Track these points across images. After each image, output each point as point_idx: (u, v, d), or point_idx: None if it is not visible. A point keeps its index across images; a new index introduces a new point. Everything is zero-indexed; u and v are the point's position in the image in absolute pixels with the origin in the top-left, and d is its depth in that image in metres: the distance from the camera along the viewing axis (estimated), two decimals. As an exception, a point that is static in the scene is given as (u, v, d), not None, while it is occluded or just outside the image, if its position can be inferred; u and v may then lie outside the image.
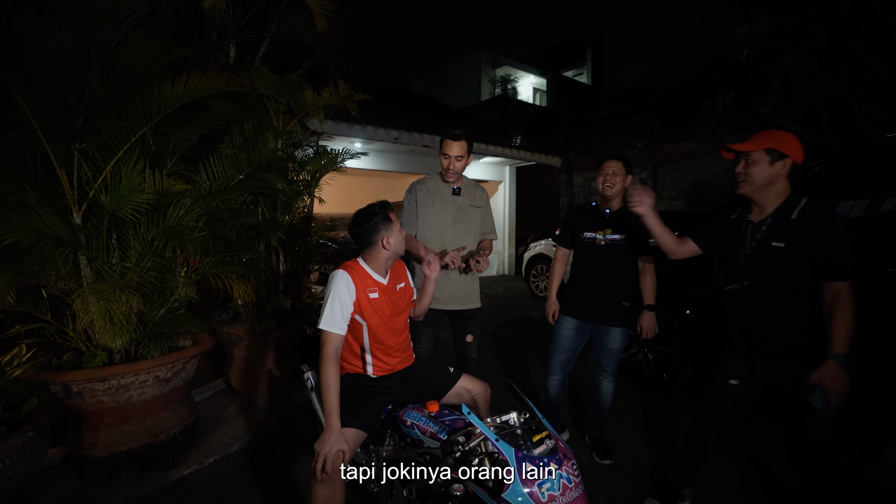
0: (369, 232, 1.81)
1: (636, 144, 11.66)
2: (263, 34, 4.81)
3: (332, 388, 1.62)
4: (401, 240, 1.88)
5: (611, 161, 2.42)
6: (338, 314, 1.73)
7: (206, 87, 2.34)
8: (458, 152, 2.40)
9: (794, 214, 1.66)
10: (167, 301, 2.58)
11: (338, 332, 1.73)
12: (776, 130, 1.70)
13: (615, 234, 2.41)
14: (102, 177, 2.20)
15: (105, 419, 2.25)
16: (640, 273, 2.49)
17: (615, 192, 2.40)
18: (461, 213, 2.54)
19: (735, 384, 1.83)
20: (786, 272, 1.67)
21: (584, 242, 2.50)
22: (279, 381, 3.43)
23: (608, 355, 2.49)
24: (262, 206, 3.40)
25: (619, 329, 2.45)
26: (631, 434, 2.87)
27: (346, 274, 1.79)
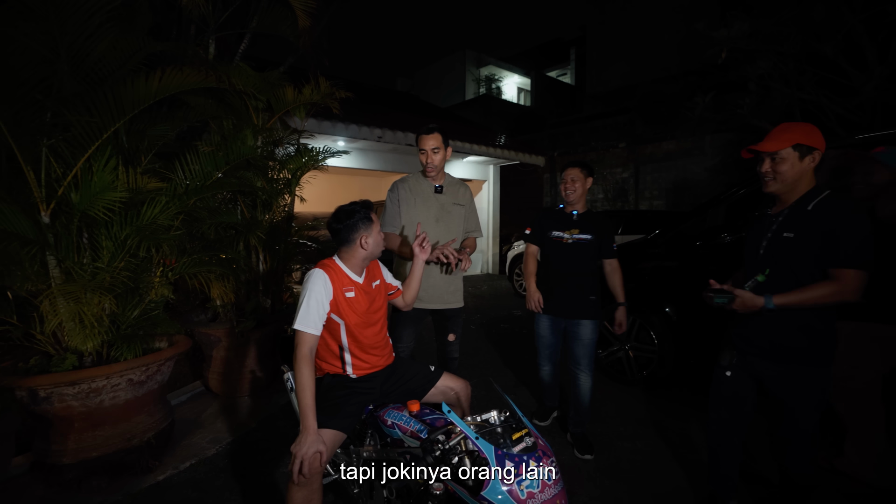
0: (348, 229, 1.79)
1: (618, 144, 11.81)
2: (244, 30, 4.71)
3: (308, 389, 1.60)
4: (379, 241, 1.86)
5: (569, 168, 2.59)
6: (313, 314, 1.70)
7: (182, 83, 2.28)
8: (434, 144, 2.40)
9: (809, 206, 1.61)
10: (142, 302, 2.51)
11: (312, 332, 1.70)
12: (796, 123, 1.64)
13: (582, 234, 2.59)
14: (72, 174, 2.13)
15: (75, 424, 2.18)
16: (608, 274, 2.65)
17: (577, 197, 2.59)
18: (443, 212, 2.54)
19: (729, 375, 1.83)
20: (796, 264, 1.63)
21: (552, 241, 2.67)
22: (259, 383, 3.38)
23: (582, 347, 2.62)
24: (242, 204, 3.34)
25: (589, 321, 2.59)
26: (613, 432, 2.89)
27: (324, 273, 1.77)
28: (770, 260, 1.70)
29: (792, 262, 1.64)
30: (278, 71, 3.69)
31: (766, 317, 1.68)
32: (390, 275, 2.12)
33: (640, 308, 3.50)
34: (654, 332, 3.43)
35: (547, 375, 2.86)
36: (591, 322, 2.59)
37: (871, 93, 5.37)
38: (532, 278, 2.75)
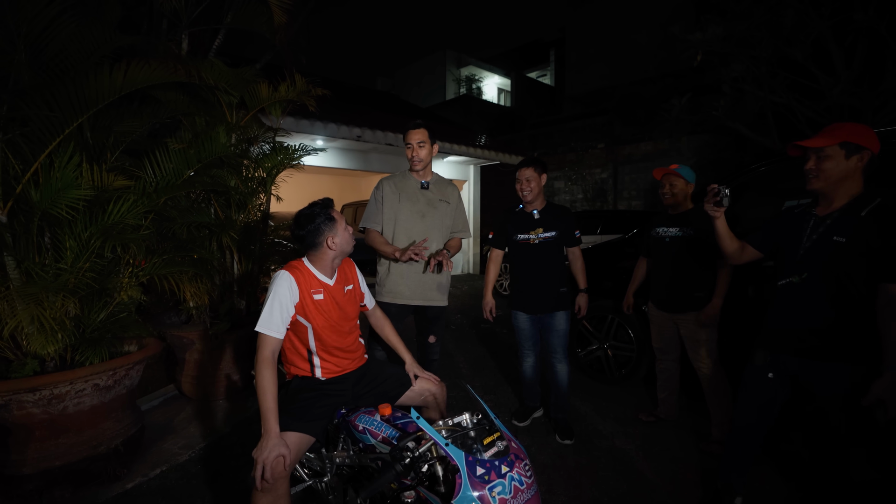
0: (313, 234, 1.75)
1: (597, 145, 11.96)
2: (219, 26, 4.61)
3: (269, 392, 1.55)
4: (347, 238, 1.81)
5: (523, 169, 2.65)
6: (276, 316, 1.66)
7: (149, 77, 2.20)
8: (419, 138, 2.43)
9: (863, 212, 1.56)
10: (109, 304, 2.42)
11: (274, 335, 1.66)
12: (847, 123, 1.60)
13: (546, 232, 2.65)
14: (31, 171, 2.03)
15: (35, 433, 2.08)
16: (571, 262, 2.76)
17: (533, 196, 2.65)
18: (430, 208, 2.51)
19: (771, 377, 1.79)
20: (842, 269, 1.58)
21: (519, 244, 2.72)
22: (234, 386, 3.29)
23: (557, 336, 2.72)
24: (215, 204, 3.25)
25: (561, 312, 2.71)
26: (591, 431, 2.91)
27: (289, 275, 1.72)
28: (812, 263, 1.65)
29: (839, 268, 1.60)
30: (253, 68, 3.60)
31: (814, 317, 1.65)
32: (364, 283, 2.07)
33: (619, 307, 3.53)
34: (632, 330, 3.47)
35: (529, 369, 2.88)
36: (563, 313, 2.70)
37: (839, 97, 5.54)
38: (490, 286, 2.83)
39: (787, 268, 1.74)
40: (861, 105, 5.52)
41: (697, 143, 9.77)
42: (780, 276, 1.77)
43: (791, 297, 1.72)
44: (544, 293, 2.67)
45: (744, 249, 1.94)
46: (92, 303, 2.34)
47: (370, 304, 2.12)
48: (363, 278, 2.07)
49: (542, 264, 2.67)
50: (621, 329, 3.56)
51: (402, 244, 2.45)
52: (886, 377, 1.46)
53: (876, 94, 5.41)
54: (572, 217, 2.72)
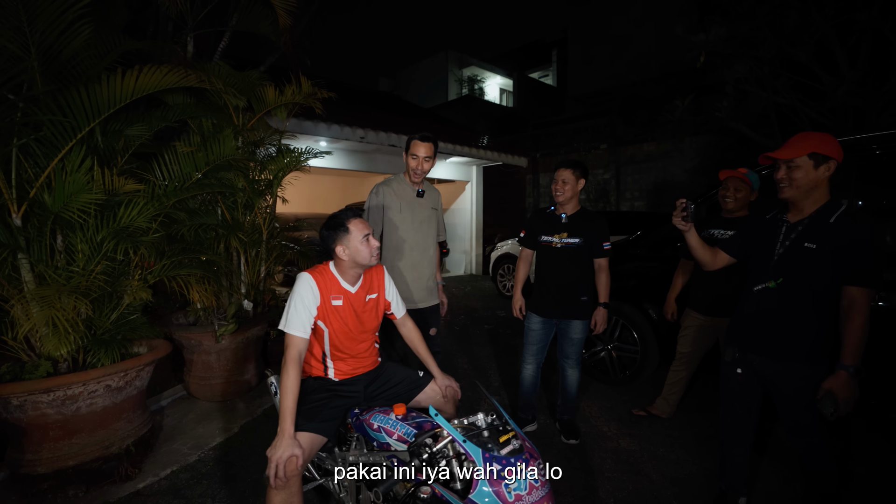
0: (326, 239, 1.79)
1: (600, 146, 11.94)
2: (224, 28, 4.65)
3: (290, 393, 1.59)
4: (361, 250, 1.78)
5: (561, 169, 2.59)
6: (303, 316, 1.70)
7: (161, 82, 2.23)
8: (427, 153, 2.49)
9: (832, 218, 1.63)
10: (119, 306, 2.45)
11: (300, 335, 1.69)
12: (813, 133, 1.67)
13: (570, 238, 2.59)
14: (45, 175, 2.06)
15: (50, 433, 2.11)
16: (596, 273, 2.66)
17: (566, 198, 2.59)
18: (426, 216, 2.65)
19: (740, 372, 1.86)
20: (812, 273, 1.65)
21: (542, 245, 2.70)
22: (241, 387, 3.32)
23: (571, 344, 2.70)
24: (222, 206, 3.28)
25: (579, 321, 2.66)
26: (596, 432, 2.93)
27: (312, 278, 1.76)
28: (785, 268, 1.71)
29: (810, 273, 1.66)
30: (259, 70, 3.63)
31: (785, 320, 1.71)
32: (394, 291, 2.06)
33: (623, 308, 3.55)
34: (636, 332, 3.49)
35: (528, 376, 2.82)
36: (581, 322, 2.65)
37: (843, 97, 5.54)
38: (519, 284, 2.81)
39: (761, 273, 1.80)
40: (865, 105, 5.52)
41: (700, 144, 9.76)
42: (754, 281, 1.83)
43: (765, 301, 1.77)
44: (561, 299, 2.62)
45: (717, 256, 2.00)
46: (103, 305, 2.37)
47: (399, 313, 2.08)
48: (393, 286, 2.06)
49: (562, 269, 2.61)
50: (626, 331, 3.58)
51: (403, 251, 2.59)
52: (841, 375, 1.55)
53: (880, 95, 5.41)
54: (604, 227, 2.60)
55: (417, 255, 2.62)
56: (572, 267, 2.60)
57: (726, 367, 1.93)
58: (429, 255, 2.66)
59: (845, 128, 5.69)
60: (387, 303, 2.03)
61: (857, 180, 2.49)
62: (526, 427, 2.94)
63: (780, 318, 1.72)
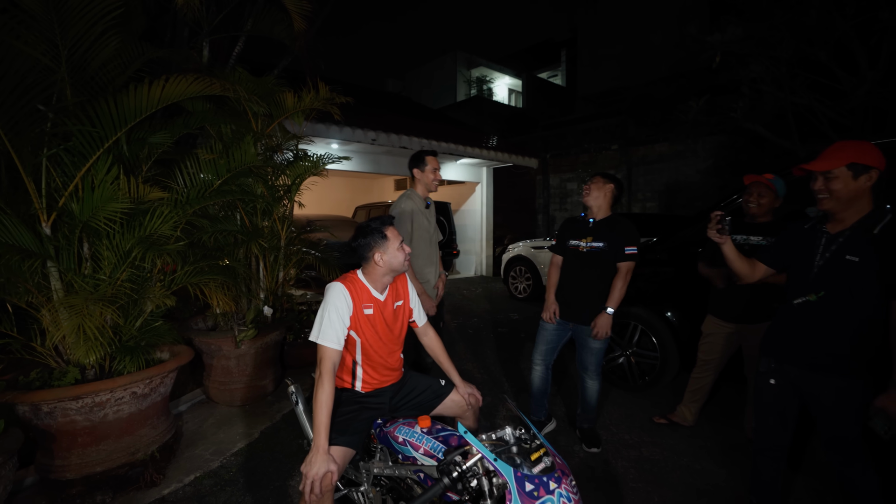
0: (363, 247, 1.79)
1: (611, 146, 11.86)
2: (238, 33, 4.68)
3: (325, 407, 1.57)
4: (397, 256, 1.80)
5: (593, 177, 2.67)
6: (337, 327, 1.69)
7: (186, 90, 2.24)
8: (438, 165, 2.92)
9: (876, 230, 1.56)
10: (143, 313, 2.47)
11: (334, 346, 1.68)
12: (852, 142, 1.62)
13: (596, 242, 2.59)
14: (73, 184, 2.09)
15: (78, 439, 2.14)
16: (615, 276, 2.59)
17: (595, 204, 2.63)
18: (434, 223, 3.04)
19: (773, 383, 1.82)
20: (855, 287, 1.60)
21: (570, 249, 2.72)
22: (260, 392, 3.34)
23: (590, 354, 2.65)
24: (242, 212, 3.30)
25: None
26: (618, 440, 2.90)
27: (344, 287, 1.75)
28: (826, 281, 1.66)
29: (853, 286, 1.60)
30: (273, 74, 3.65)
31: (827, 334, 1.66)
32: (417, 299, 2.08)
33: (641, 314, 3.52)
34: (655, 338, 3.45)
35: (537, 379, 2.83)
36: None
37: (864, 97, 5.46)
38: (552, 290, 2.81)
39: (801, 285, 1.74)
40: (887, 106, 5.43)
41: (714, 145, 9.66)
42: (794, 294, 1.77)
43: (806, 314, 1.72)
44: (581, 302, 2.61)
45: (755, 268, 1.94)
46: (129, 312, 2.39)
47: (420, 321, 2.07)
48: (415, 294, 2.06)
49: (585, 273, 2.61)
50: (644, 336, 3.54)
51: (422, 258, 2.91)
52: (893, 392, 1.50)
53: (902, 95, 5.32)
54: (629, 231, 2.54)
55: (428, 260, 2.95)
56: (594, 271, 2.60)
57: (760, 378, 1.89)
58: (435, 260, 3.02)
59: (865, 129, 5.60)
60: (409, 310, 2.03)
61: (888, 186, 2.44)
62: (545, 429, 2.94)
63: (821, 330, 1.67)
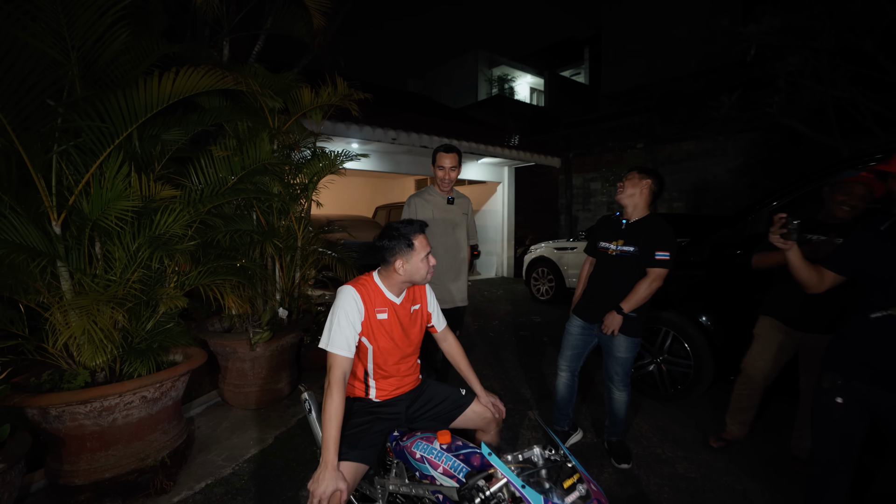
0: (387, 250, 1.66)
1: (636, 145, 11.54)
2: (258, 32, 4.66)
3: (334, 420, 1.46)
4: (420, 269, 1.67)
5: (629, 172, 2.45)
6: (347, 333, 1.58)
7: (198, 84, 2.16)
8: (452, 163, 2.69)
9: None
10: (155, 314, 2.41)
11: (344, 353, 1.57)
12: None
13: (626, 246, 2.41)
14: (83, 182, 2.03)
15: (87, 444, 2.07)
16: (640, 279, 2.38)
17: (630, 203, 2.42)
18: (456, 220, 2.86)
19: (840, 402, 1.62)
20: None
21: (599, 251, 2.57)
22: (276, 395, 3.26)
23: (617, 364, 2.48)
24: (258, 211, 3.23)
25: (623, 337, 2.42)
26: (650, 455, 2.72)
27: (355, 290, 1.64)
28: None
29: None
30: (293, 72, 3.57)
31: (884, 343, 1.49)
32: (436, 302, 1.95)
33: (673, 319, 3.31)
34: (689, 345, 3.24)
35: (562, 386, 2.68)
36: (626, 338, 2.42)
37: (913, 89, 5.10)
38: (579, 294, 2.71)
39: (878, 298, 1.54)
40: (939, 98, 5.06)
41: (745, 142, 9.27)
42: (870, 307, 1.56)
43: (883, 328, 1.52)
44: (606, 307, 2.42)
45: (823, 276, 1.72)
46: (140, 313, 2.33)
47: (440, 326, 1.97)
48: (434, 298, 1.95)
49: (613, 277, 2.44)
50: (676, 343, 3.34)
51: (439, 254, 2.68)
52: None
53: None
54: (664, 235, 2.32)
55: (449, 258, 2.82)
56: (622, 277, 2.41)
57: (823, 396, 1.68)
58: (459, 259, 2.88)
59: (915, 123, 5.23)
60: (428, 315, 1.91)
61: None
62: (570, 440, 2.78)
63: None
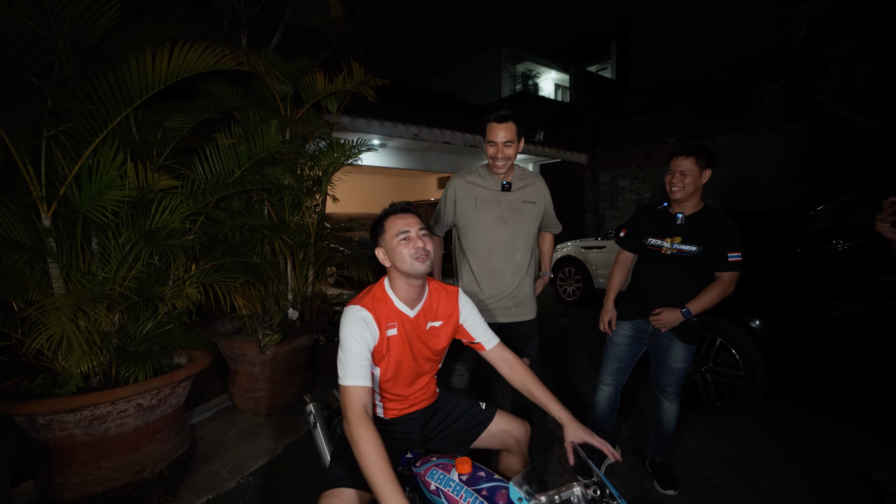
0: (372, 243, 1.45)
1: (668, 140, 11.04)
2: (277, 23, 4.55)
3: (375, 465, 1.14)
4: (399, 251, 1.37)
5: (679, 158, 2.04)
6: (360, 361, 1.32)
7: (197, 63, 1.98)
8: (507, 137, 1.99)
9: None
10: (156, 314, 2.24)
11: (361, 383, 1.30)
12: None
13: (685, 244, 2.06)
14: (75, 170, 1.86)
15: (78, 455, 1.91)
16: (712, 283, 2.06)
17: (686, 195, 2.04)
18: (512, 212, 2.14)
19: None
20: None
21: (648, 250, 2.19)
22: (287, 401, 3.07)
23: (671, 374, 2.18)
24: (268, 204, 3.05)
25: (682, 345, 2.13)
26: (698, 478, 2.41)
27: (363, 310, 1.38)
28: None
29: None
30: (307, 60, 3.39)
31: None
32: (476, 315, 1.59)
33: (720, 325, 2.98)
34: (738, 353, 2.90)
35: (603, 401, 2.35)
36: (684, 347, 2.12)
37: None
38: (613, 293, 2.32)
39: None
40: None
41: (788, 135, 8.70)
42: None
43: None
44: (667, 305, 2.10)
45: None
46: (138, 313, 2.16)
47: (487, 343, 1.59)
48: (473, 308, 1.59)
49: (669, 281, 2.11)
50: (724, 350, 3.00)
51: (482, 254, 2.14)
52: None
53: None
54: (733, 232, 2.01)
55: (498, 259, 2.13)
56: (684, 280, 2.08)
57: None
58: (515, 260, 2.15)
59: None
60: (461, 329, 1.58)
61: None
62: (606, 461, 2.44)
63: None
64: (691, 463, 2.51)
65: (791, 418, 3.03)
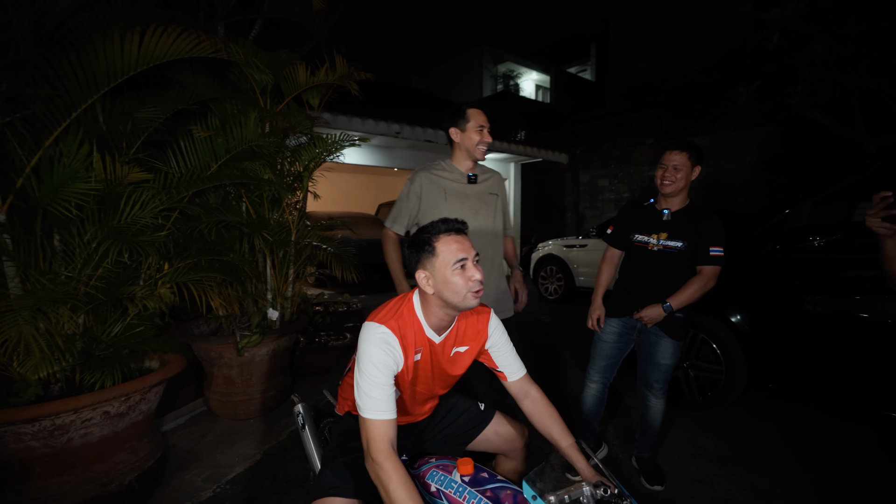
0: (409, 259, 1.27)
1: (645, 141, 11.25)
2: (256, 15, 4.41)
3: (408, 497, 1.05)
4: (453, 283, 1.18)
5: (672, 152, 2.04)
6: (385, 390, 1.18)
7: (171, 49, 1.86)
8: (487, 122, 2.04)
9: None
10: (125, 315, 2.12)
11: (387, 416, 1.16)
12: None
13: (671, 241, 2.06)
14: (33, 162, 1.73)
15: (36, 469, 1.76)
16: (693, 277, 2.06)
17: (676, 190, 2.04)
18: (481, 204, 2.13)
19: None
20: None
21: (635, 246, 2.19)
22: (266, 404, 2.96)
23: (658, 370, 2.19)
24: (247, 201, 2.93)
25: (670, 341, 2.14)
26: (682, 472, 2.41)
27: (390, 334, 1.22)
28: None
29: None
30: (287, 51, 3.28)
31: None
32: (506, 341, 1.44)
33: (703, 321, 3.01)
34: (720, 348, 2.94)
35: (590, 399, 2.35)
36: (671, 343, 2.13)
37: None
38: (601, 290, 2.30)
39: None
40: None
41: (760, 137, 8.97)
42: None
43: None
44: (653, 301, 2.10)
45: None
46: (106, 314, 2.03)
47: (512, 374, 1.44)
48: (502, 333, 1.44)
49: (658, 278, 2.10)
50: (705, 346, 3.03)
51: None
52: None
53: None
54: (717, 227, 2.02)
55: None
56: (668, 276, 2.08)
57: None
58: (487, 255, 2.08)
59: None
60: (485, 353, 1.45)
61: None
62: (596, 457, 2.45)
63: None
64: (676, 458, 2.52)
65: (771, 411, 3.09)
